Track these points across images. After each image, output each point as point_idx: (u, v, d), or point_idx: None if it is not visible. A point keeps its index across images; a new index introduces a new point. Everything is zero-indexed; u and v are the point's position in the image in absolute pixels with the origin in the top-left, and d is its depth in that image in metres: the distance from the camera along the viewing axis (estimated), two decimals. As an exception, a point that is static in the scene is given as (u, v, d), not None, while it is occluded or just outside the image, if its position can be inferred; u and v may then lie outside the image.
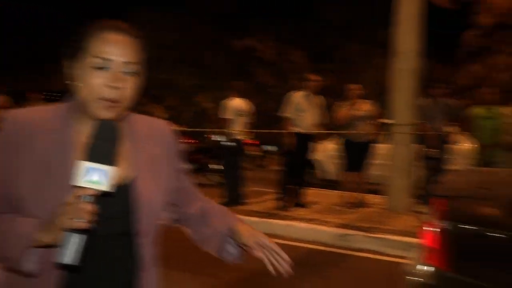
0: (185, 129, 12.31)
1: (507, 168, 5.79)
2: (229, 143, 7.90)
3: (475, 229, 3.09)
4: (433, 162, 6.95)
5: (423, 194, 7.00)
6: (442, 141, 7.09)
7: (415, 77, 7.21)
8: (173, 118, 12.43)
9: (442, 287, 3.06)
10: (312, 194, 8.08)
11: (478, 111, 6.86)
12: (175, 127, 1.68)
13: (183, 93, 20.27)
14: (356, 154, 7.46)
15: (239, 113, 7.97)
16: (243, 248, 1.57)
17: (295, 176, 7.51)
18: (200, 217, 1.64)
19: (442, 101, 7.14)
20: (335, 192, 7.88)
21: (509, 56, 12.13)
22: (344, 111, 7.53)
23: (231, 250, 1.62)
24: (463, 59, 13.84)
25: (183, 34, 19.74)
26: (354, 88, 7.57)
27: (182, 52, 19.53)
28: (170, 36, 19.46)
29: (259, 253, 1.50)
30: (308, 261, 5.65)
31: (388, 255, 5.69)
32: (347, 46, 19.15)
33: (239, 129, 7.95)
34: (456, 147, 7.72)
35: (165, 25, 19.42)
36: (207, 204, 1.68)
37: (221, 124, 8.02)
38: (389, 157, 7.51)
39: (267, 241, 1.52)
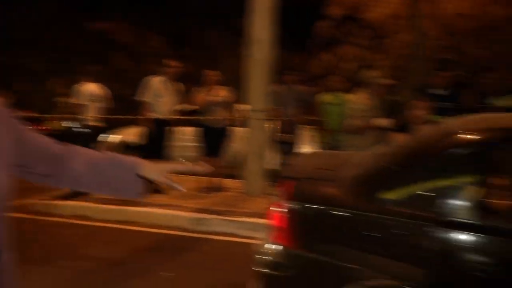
0: (35, 114, 11.63)
1: (351, 150, 6.20)
2: (81, 129, 7.60)
3: (320, 208, 3.28)
4: (286, 146, 7.24)
5: (277, 177, 7.28)
6: (295, 126, 7.41)
7: (269, 65, 7.44)
8: (22, 103, 11.67)
9: (289, 264, 3.21)
10: (170, 180, 8.03)
11: (326, 97, 7.27)
12: (23, 113, 1.60)
13: (34, 77, 19.09)
14: (213, 139, 7.55)
15: (92, 98, 7.69)
16: (153, 183, 1.61)
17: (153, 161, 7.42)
18: (92, 170, 1.58)
19: (295, 88, 7.46)
20: (193, 177, 7.91)
21: (356, 47, 12.97)
22: (201, 96, 7.57)
23: (141, 187, 1.63)
24: (316, 48, 14.52)
25: (35, 15, 18.54)
26: (212, 74, 7.63)
27: (34, 34, 18.35)
28: (20, 17, 18.20)
29: (173, 184, 1.58)
30: (165, 246, 5.65)
31: (243, 237, 5.86)
32: (206, 32, 19.21)
33: (92, 115, 7.68)
34: (307, 131, 8.11)
35: (15, 5, 18.13)
36: (93, 155, 1.62)
37: (74, 109, 7.69)
38: (245, 142, 7.70)
39: (175, 165, 1.55)
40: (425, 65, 8.49)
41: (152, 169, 1.60)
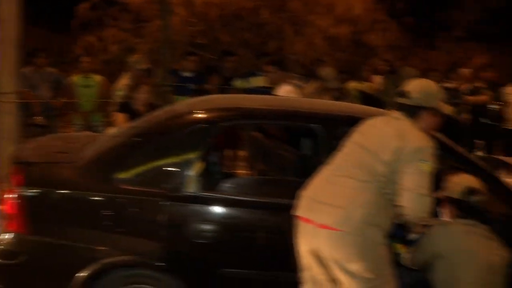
0: None
1: (100, 132, 6.26)
2: None
3: (55, 191, 3.28)
4: (39, 130, 7.02)
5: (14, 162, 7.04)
6: (48, 109, 7.23)
7: (18, 45, 7.06)
8: None
9: (22, 251, 3.15)
10: None
11: (77, 79, 7.27)
12: None
13: None
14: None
15: None
16: None
17: None
18: None
19: (45, 70, 7.32)
20: None
21: (117, 30, 12.89)
22: None
23: None
24: (79, 30, 14.05)
25: None
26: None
27: None
28: None
29: None
30: None
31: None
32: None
33: None
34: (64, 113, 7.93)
35: None
36: None
37: None
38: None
39: None
40: (177, 49, 8.86)
41: None
